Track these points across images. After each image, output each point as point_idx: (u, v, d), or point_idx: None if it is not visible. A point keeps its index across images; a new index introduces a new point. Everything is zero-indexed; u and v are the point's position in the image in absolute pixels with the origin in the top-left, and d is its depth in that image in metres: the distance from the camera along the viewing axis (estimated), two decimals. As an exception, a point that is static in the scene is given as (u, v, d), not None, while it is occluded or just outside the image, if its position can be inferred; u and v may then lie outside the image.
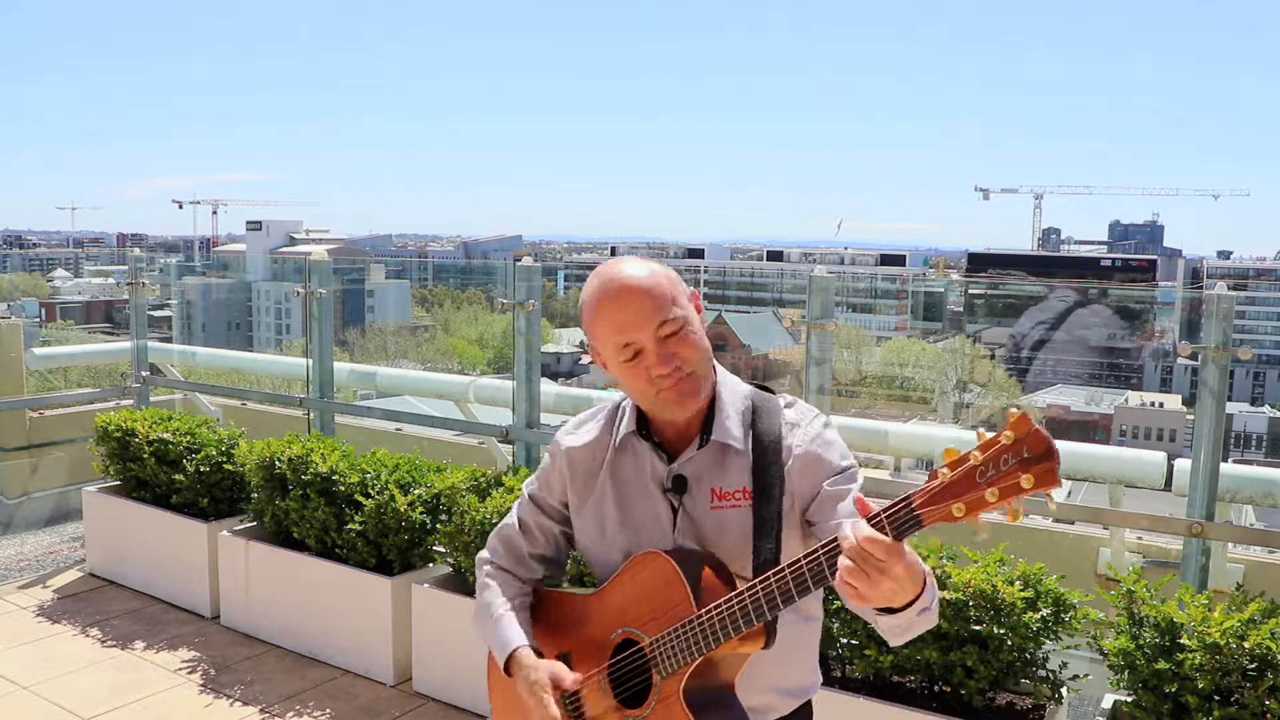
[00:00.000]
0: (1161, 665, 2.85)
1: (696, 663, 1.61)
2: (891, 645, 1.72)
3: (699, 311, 1.77)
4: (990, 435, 1.34)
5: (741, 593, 1.57)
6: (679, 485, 1.76)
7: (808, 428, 1.76)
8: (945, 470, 1.35)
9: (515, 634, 1.85)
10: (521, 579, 1.95)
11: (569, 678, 1.75)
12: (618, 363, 1.72)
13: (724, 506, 1.73)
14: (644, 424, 1.81)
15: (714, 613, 1.58)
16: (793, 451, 1.74)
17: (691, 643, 1.61)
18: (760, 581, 1.56)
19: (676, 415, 1.74)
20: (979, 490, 1.32)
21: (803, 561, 1.52)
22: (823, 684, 1.92)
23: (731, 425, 1.76)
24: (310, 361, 5.50)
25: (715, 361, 1.80)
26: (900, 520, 1.39)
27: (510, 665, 1.81)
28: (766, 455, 1.74)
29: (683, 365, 1.69)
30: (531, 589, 1.96)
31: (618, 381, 1.76)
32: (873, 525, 1.41)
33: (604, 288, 1.71)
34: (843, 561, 1.41)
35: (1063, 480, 1.31)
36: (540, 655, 1.81)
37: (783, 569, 1.54)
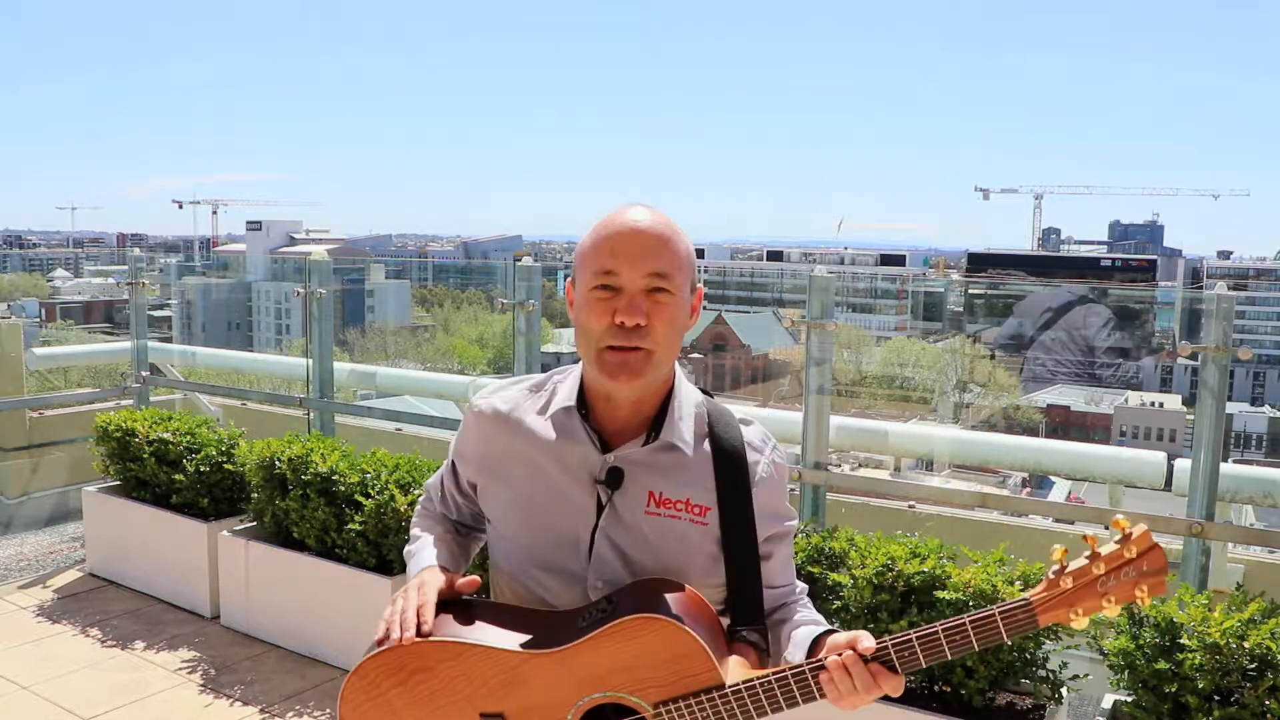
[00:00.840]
0: (1161, 665, 2.85)
1: None
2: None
3: (695, 310, 1.63)
4: (1110, 547, 1.40)
5: (786, 675, 1.48)
6: (613, 479, 1.59)
7: (771, 455, 1.67)
8: (1069, 580, 1.40)
9: (429, 557, 1.69)
10: (452, 523, 1.83)
11: (461, 585, 1.61)
12: (587, 291, 1.54)
13: (662, 515, 1.59)
14: (582, 403, 1.64)
15: (750, 690, 1.47)
16: (758, 473, 1.64)
17: (722, 714, 1.48)
18: (807, 668, 1.48)
19: (611, 389, 1.58)
20: (1097, 599, 1.40)
21: (853, 660, 1.46)
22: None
23: (683, 428, 1.62)
24: (310, 361, 5.50)
25: (679, 366, 1.68)
26: (1019, 623, 1.42)
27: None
28: (734, 467, 1.62)
29: (647, 333, 1.52)
30: (463, 543, 1.82)
31: (578, 323, 1.59)
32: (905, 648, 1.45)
33: (615, 216, 1.56)
34: (844, 673, 1.45)
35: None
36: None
37: (811, 664, 1.48)
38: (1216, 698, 2.79)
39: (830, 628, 1.61)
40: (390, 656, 1.56)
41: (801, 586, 1.75)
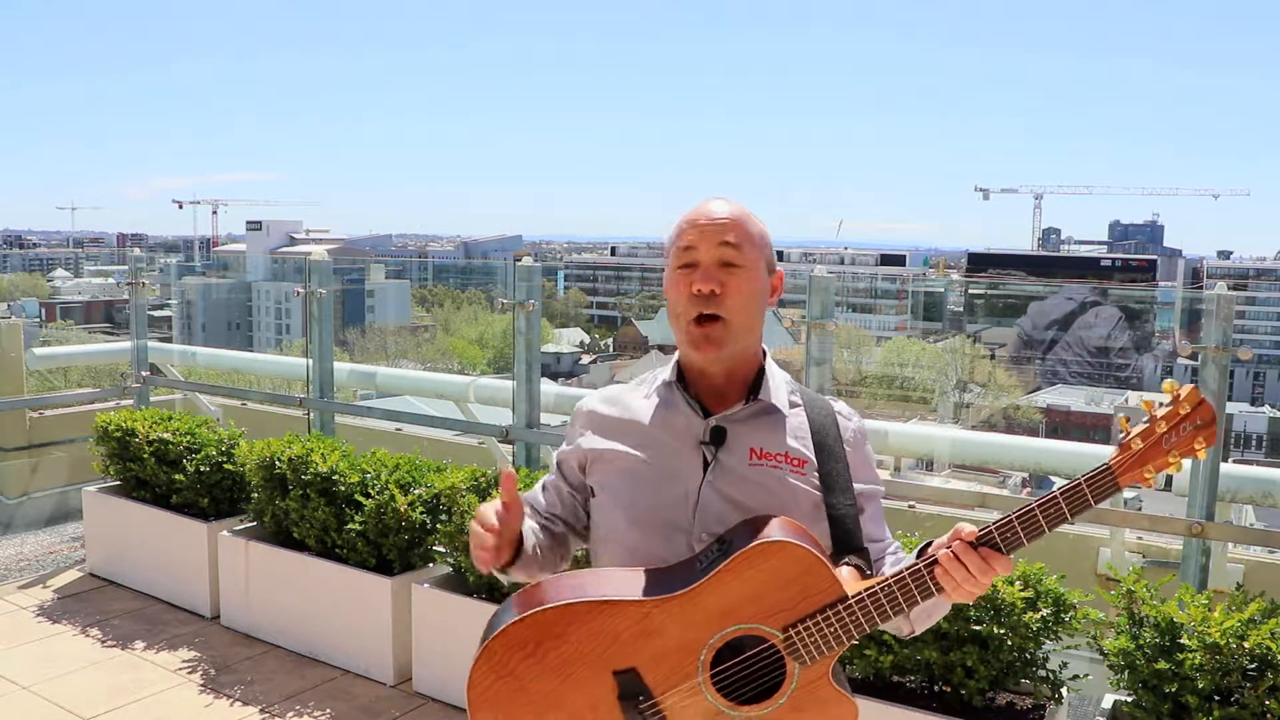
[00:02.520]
0: (1161, 665, 2.85)
1: (853, 642, 1.59)
2: (909, 636, 1.73)
3: (776, 290, 1.80)
4: (1164, 406, 1.54)
5: (903, 575, 1.58)
6: (717, 437, 1.72)
7: (858, 422, 1.83)
8: (1137, 441, 1.53)
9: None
10: (542, 526, 1.87)
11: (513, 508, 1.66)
12: (672, 269, 1.73)
13: (765, 465, 1.71)
14: (681, 379, 1.79)
15: (872, 596, 1.57)
16: (848, 434, 1.79)
17: (848, 625, 1.57)
18: (921, 565, 1.58)
19: (699, 360, 1.73)
20: (1163, 455, 1.53)
21: (947, 550, 1.57)
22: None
23: (779, 390, 1.78)
24: (310, 361, 5.50)
25: (766, 350, 1.81)
26: (1102, 487, 1.54)
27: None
28: (826, 427, 1.77)
29: (722, 301, 1.68)
30: (553, 541, 1.86)
31: (669, 304, 1.76)
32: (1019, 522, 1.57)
33: (697, 207, 1.75)
34: (957, 562, 1.56)
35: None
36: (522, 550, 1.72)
37: (925, 560, 1.58)
38: (1216, 698, 2.80)
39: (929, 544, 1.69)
40: (518, 631, 1.58)
41: (896, 544, 1.85)
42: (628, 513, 1.74)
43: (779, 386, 1.79)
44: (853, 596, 1.57)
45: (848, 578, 1.63)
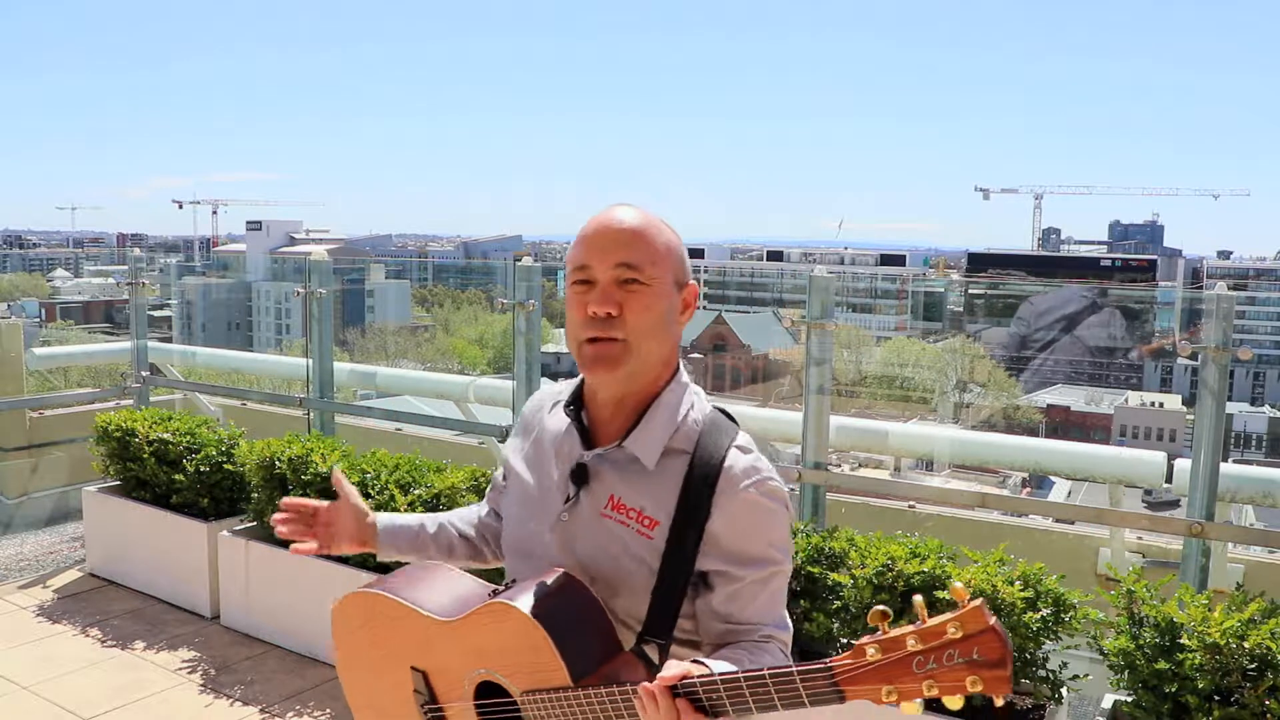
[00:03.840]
0: (1161, 665, 2.85)
1: None
2: None
3: (687, 306, 1.62)
4: (934, 620, 1.18)
5: (613, 691, 1.42)
6: (579, 475, 1.61)
7: (748, 489, 1.54)
8: (874, 649, 1.20)
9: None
10: (459, 527, 1.93)
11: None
12: (568, 288, 1.60)
13: (615, 519, 1.57)
14: (578, 401, 1.67)
15: (594, 697, 1.44)
16: (723, 502, 1.53)
17: (575, 714, 1.47)
18: (630, 688, 1.40)
19: (593, 382, 1.62)
20: (915, 681, 1.19)
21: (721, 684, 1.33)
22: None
23: (652, 437, 1.58)
24: (310, 361, 5.50)
25: (685, 375, 1.65)
26: (819, 689, 1.24)
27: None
28: (698, 490, 1.54)
29: (620, 323, 1.53)
30: (459, 535, 1.93)
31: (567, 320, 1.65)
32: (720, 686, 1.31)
33: (595, 217, 1.60)
34: (651, 700, 1.35)
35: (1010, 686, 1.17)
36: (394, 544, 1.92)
37: (639, 685, 1.37)
38: (1216, 698, 2.79)
39: (729, 657, 1.48)
40: (362, 599, 1.77)
41: (776, 633, 1.56)
42: (507, 539, 1.76)
43: (658, 429, 1.58)
44: (579, 689, 1.45)
45: (619, 666, 1.49)
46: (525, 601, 1.51)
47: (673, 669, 1.35)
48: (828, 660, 1.24)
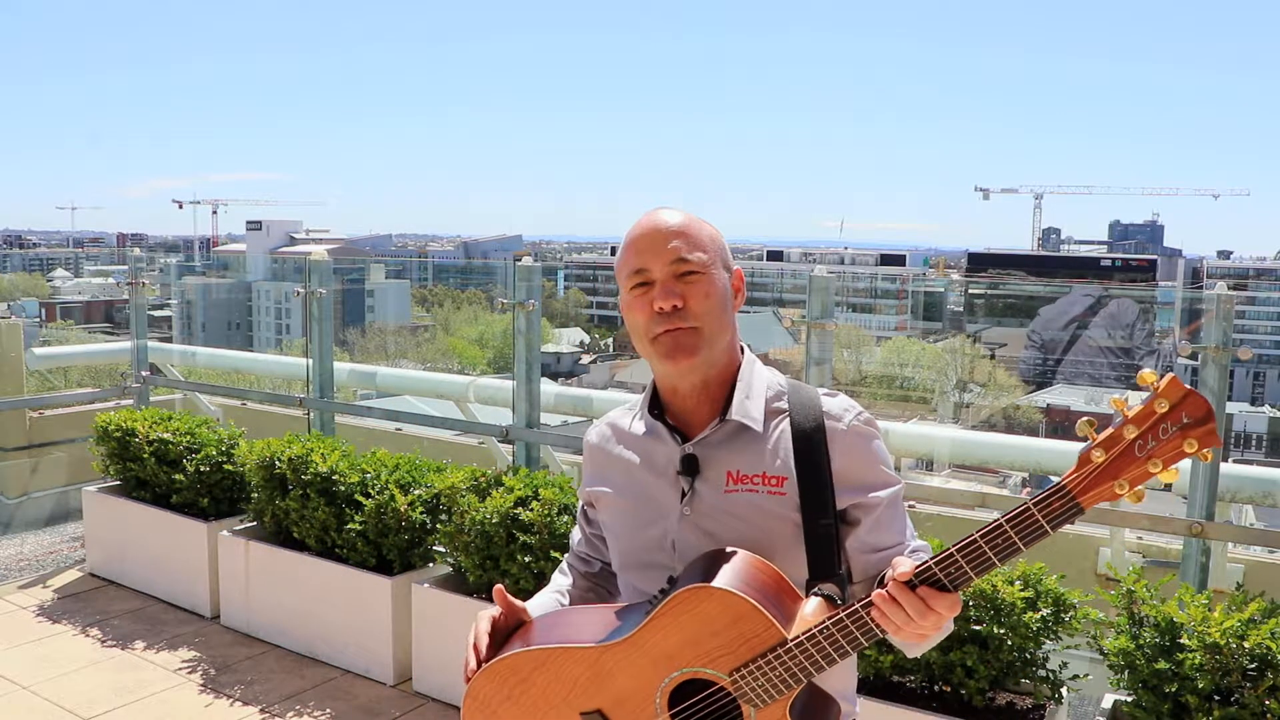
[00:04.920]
0: (1161, 665, 2.85)
1: (802, 686, 1.50)
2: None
3: (738, 290, 1.71)
4: (1136, 404, 1.28)
5: (841, 618, 1.47)
6: (689, 466, 1.65)
7: (851, 421, 1.66)
8: (1098, 452, 1.29)
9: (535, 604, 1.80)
10: (581, 573, 1.90)
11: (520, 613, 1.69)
12: (627, 294, 1.66)
13: (741, 490, 1.63)
14: (657, 404, 1.72)
15: (812, 640, 1.47)
16: (835, 440, 1.64)
17: (792, 669, 1.48)
18: (858, 606, 1.47)
19: (672, 373, 1.65)
20: (1141, 465, 1.28)
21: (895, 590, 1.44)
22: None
23: (751, 405, 1.66)
24: (310, 361, 5.50)
25: (745, 346, 1.73)
26: (1058, 511, 1.34)
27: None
28: (809, 437, 1.64)
29: (687, 313, 1.60)
30: (593, 587, 1.89)
31: (629, 328, 1.68)
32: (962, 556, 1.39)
33: (638, 223, 1.67)
34: (893, 604, 1.42)
35: None
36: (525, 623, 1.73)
37: (862, 601, 1.47)
38: (1216, 698, 2.80)
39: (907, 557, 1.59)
40: (494, 672, 1.64)
41: (917, 545, 1.69)
42: (619, 557, 1.76)
43: (755, 396, 1.67)
44: (792, 640, 1.47)
45: (812, 612, 1.53)
46: (714, 578, 1.51)
47: (903, 565, 1.44)
48: (1059, 481, 1.32)
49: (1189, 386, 1.25)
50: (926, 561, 1.43)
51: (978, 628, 3.09)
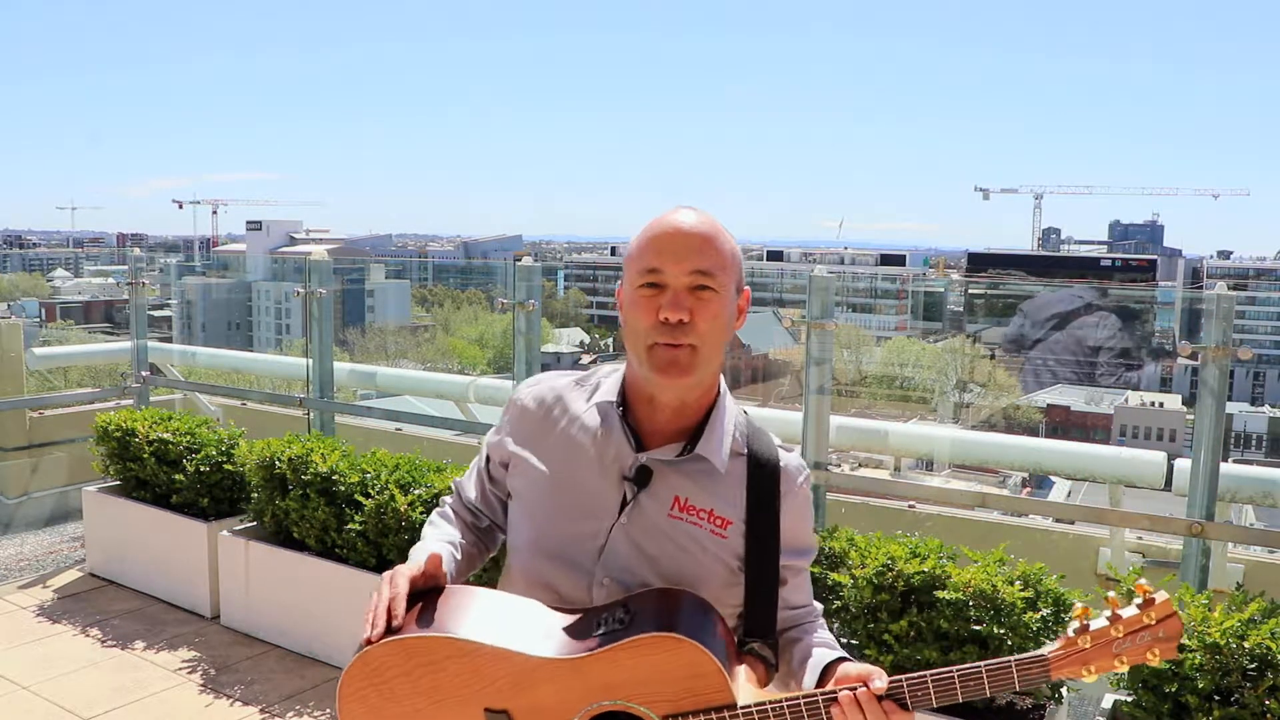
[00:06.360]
0: (1161, 665, 2.85)
1: None
2: None
3: (741, 312, 1.65)
4: (1131, 611, 1.44)
5: (799, 704, 1.48)
6: (641, 477, 1.60)
7: (803, 484, 1.69)
8: (1087, 640, 1.45)
9: (425, 548, 1.67)
10: (469, 525, 1.81)
11: (439, 571, 1.57)
12: (634, 289, 1.57)
13: (685, 520, 1.60)
14: (623, 403, 1.66)
15: (761, 712, 1.47)
16: (788, 499, 1.65)
17: None
18: (819, 697, 1.48)
19: (658, 387, 1.59)
20: (1110, 660, 1.45)
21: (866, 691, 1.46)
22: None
23: (721, 443, 1.63)
24: (310, 361, 5.50)
25: (722, 380, 1.68)
26: (1033, 676, 1.45)
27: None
28: (765, 487, 1.63)
29: (692, 329, 1.54)
30: (478, 543, 1.81)
31: (626, 322, 1.61)
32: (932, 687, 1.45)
33: (662, 219, 1.59)
34: (856, 708, 1.45)
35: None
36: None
37: (824, 693, 1.48)
38: (1216, 698, 2.79)
39: (842, 655, 1.61)
40: (395, 646, 1.56)
41: (818, 608, 1.75)
42: (534, 539, 1.67)
43: (723, 434, 1.63)
44: (741, 708, 1.47)
45: (742, 676, 1.54)
46: (681, 626, 1.49)
47: (879, 679, 1.47)
48: (1043, 653, 1.45)
49: (1176, 609, 1.44)
50: (899, 681, 1.46)
51: (978, 628, 3.09)
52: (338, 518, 4.44)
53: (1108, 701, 3.17)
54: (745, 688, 1.52)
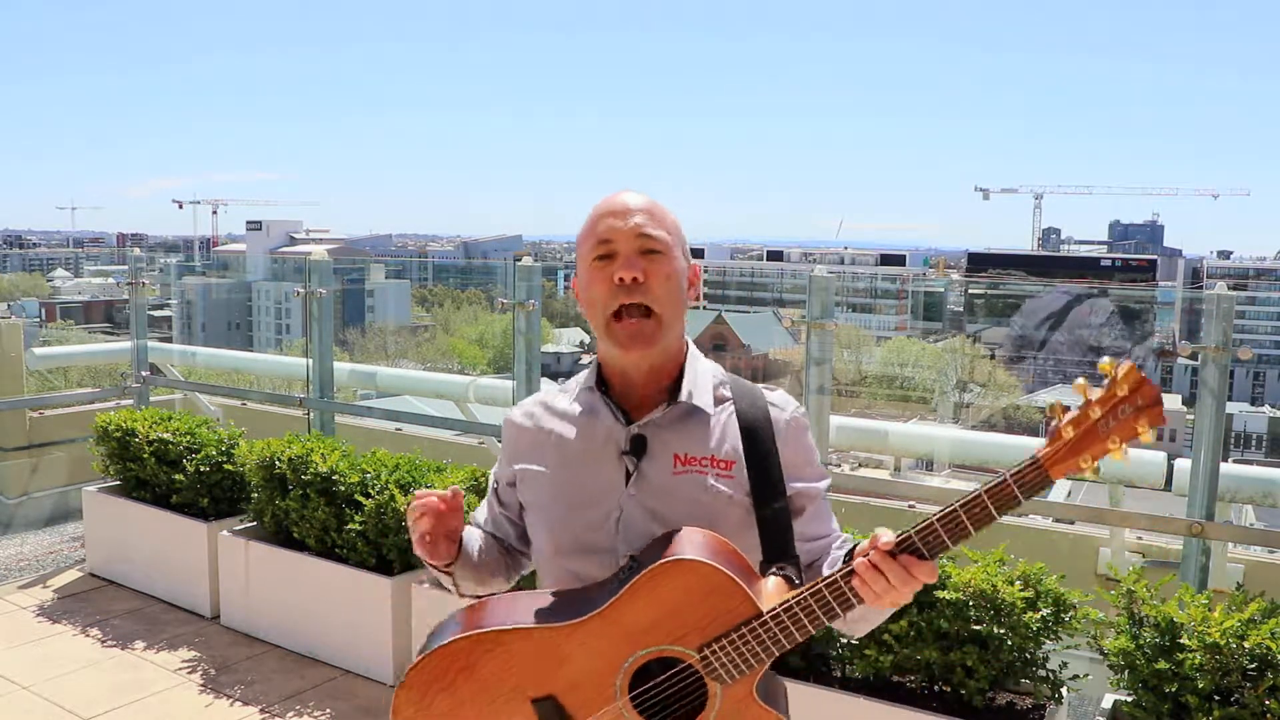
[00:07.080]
0: (1161, 665, 2.85)
1: (773, 660, 1.50)
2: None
3: (693, 284, 1.71)
4: (1099, 388, 1.41)
5: (820, 588, 1.48)
6: (638, 447, 1.64)
7: (793, 413, 1.71)
8: (1069, 429, 1.40)
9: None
10: (484, 534, 1.84)
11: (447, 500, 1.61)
12: (588, 267, 1.64)
13: (690, 472, 1.63)
14: (602, 383, 1.71)
15: (789, 612, 1.48)
16: (781, 430, 1.68)
17: (765, 643, 1.48)
18: (838, 576, 1.48)
19: (626, 361, 1.65)
20: (1102, 442, 1.40)
21: (873, 558, 1.46)
22: (823, 684, 1.91)
23: (703, 387, 1.68)
24: (310, 361, 5.50)
25: (690, 341, 1.73)
26: (1031, 483, 1.41)
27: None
28: (756, 424, 1.67)
29: (647, 289, 1.60)
30: (497, 547, 1.83)
31: (585, 302, 1.67)
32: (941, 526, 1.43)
33: (602, 200, 1.68)
34: (875, 572, 1.45)
35: None
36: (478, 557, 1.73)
37: (842, 571, 1.48)
38: (1216, 698, 2.80)
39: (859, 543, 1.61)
40: (431, 663, 1.56)
41: (844, 537, 1.75)
42: (552, 540, 1.69)
43: (703, 382, 1.69)
44: (767, 613, 1.47)
45: (773, 590, 1.54)
46: (686, 552, 1.50)
47: (885, 535, 1.47)
48: (1033, 454, 1.41)
49: (1143, 374, 1.40)
50: (908, 531, 1.46)
51: (978, 628, 3.09)
52: (338, 518, 4.44)
53: (1108, 701, 3.18)
54: (773, 597, 1.52)
